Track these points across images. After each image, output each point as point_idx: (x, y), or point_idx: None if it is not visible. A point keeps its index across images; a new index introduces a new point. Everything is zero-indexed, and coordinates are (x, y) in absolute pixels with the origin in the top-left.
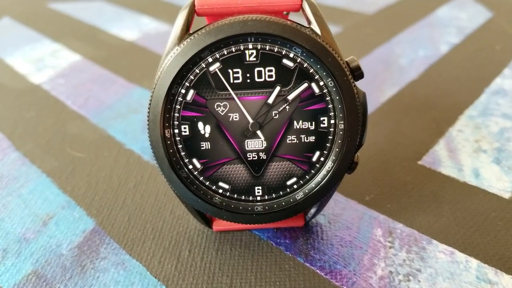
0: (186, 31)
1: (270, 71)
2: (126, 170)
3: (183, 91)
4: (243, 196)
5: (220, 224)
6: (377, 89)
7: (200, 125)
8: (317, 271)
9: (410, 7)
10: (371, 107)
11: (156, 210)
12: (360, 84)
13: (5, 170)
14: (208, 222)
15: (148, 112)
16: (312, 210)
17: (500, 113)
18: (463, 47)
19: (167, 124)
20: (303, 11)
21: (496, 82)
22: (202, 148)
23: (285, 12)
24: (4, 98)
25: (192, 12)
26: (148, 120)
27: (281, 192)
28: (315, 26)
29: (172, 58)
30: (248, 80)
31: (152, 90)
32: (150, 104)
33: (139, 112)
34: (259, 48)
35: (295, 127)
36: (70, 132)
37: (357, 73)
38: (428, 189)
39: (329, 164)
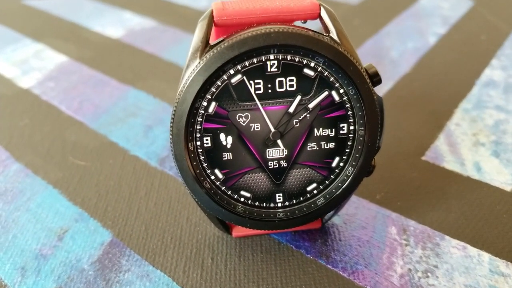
0: (206, 43)
1: (291, 81)
2: (135, 177)
3: (205, 103)
4: (264, 204)
5: (239, 230)
6: None
7: (222, 136)
8: (340, 272)
9: None
10: None
11: (172, 218)
12: None
13: (9, 183)
14: (227, 229)
15: (171, 127)
16: (329, 213)
17: (493, 105)
18: (450, 38)
19: (190, 137)
20: (321, 19)
21: (485, 74)
22: (224, 158)
23: (303, 21)
24: None
25: (211, 23)
26: (171, 134)
27: (301, 198)
28: (334, 35)
29: (195, 72)
30: (270, 91)
31: (174, 104)
32: (173, 118)
33: (138, 116)
34: (280, 58)
35: (315, 135)
36: (69, 139)
37: (376, 79)
38: (434, 184)
39: (349, 169)
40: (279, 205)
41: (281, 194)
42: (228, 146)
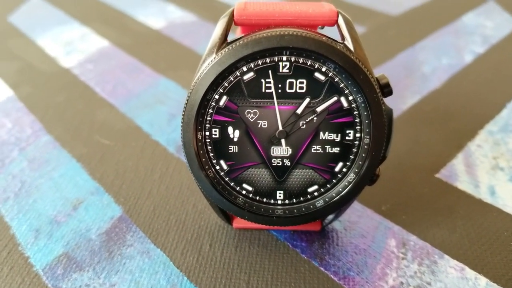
0: (224, 40)
1: (301, 83)
2: (152, 161)
3: (216, 96)
4: (265, 199)
5: (240, 222)
6: (399, 96)
7: (230, 129)
8: (331, 276)
9: (435, 11)
10: None
11: (179, 203)
12: None
13: (38, 153)
14: (228, 219)
15: (183, 115)
16: (330, 216)
17: None
18: (487, 58)
19: (199, 127)
20: (338, 26)
21: None
22: (230, 151)
23: (320, 27)
24: (36, 80)
25: (231, 21)
26: (182, 122)
27: (301, 198)
28: (348, 43)
29: (209, 66)
30: (279, 90)
31: (188, 94)
32: (185, 107)
33: (165, 104)
34: (292, 61)
35: (320, 138)
36: (98, 119)
37: (386, 90)
38: (443, 203)
39: (351, 176)
40: (279, 202)
41: (282, 192)
42: (235, 139)
